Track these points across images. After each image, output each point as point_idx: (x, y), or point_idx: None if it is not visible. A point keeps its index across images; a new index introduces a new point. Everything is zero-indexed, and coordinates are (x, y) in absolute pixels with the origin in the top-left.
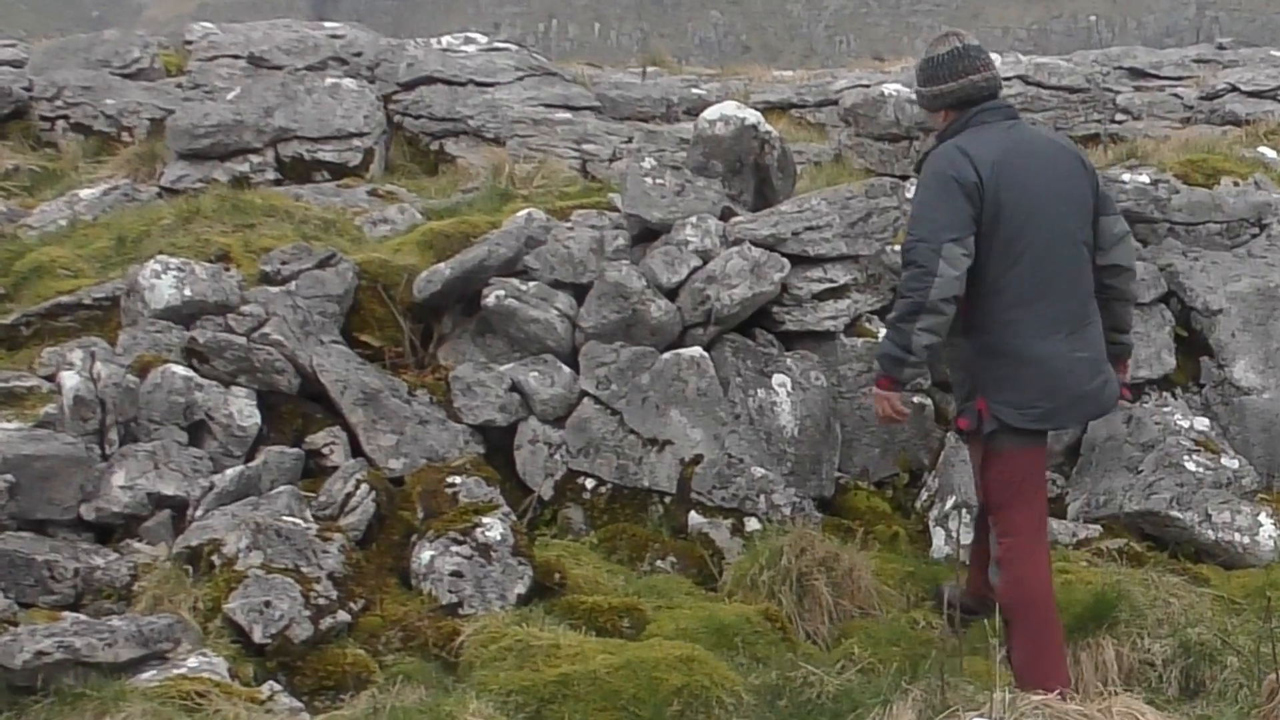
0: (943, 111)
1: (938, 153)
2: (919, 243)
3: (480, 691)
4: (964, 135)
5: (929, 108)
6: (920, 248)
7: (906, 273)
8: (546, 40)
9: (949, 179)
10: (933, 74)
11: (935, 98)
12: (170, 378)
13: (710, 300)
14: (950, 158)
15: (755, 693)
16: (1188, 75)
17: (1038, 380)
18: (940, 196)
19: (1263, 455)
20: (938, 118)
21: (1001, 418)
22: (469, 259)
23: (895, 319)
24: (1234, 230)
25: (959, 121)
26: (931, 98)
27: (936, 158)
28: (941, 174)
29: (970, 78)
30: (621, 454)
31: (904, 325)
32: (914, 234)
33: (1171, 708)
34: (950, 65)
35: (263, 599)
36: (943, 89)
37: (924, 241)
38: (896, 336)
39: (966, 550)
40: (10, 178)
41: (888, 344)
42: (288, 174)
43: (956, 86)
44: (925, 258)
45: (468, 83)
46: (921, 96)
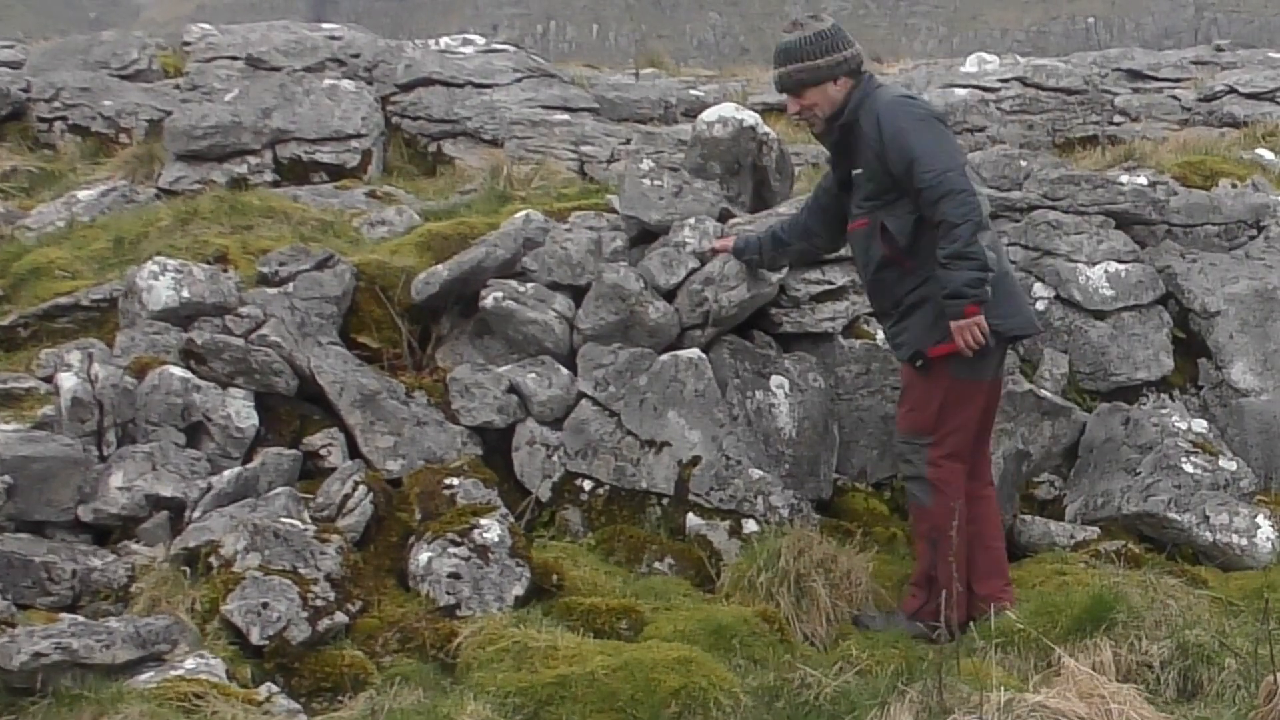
0: (841, 80)
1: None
2: (948, 172)
3: (478, 693)
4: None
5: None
6: (952, 175)
7: (951, 202)
8: (545, 41)
9: (927, 115)
10: (830, 45)
11: (843, 62)
12: (168, 379)
13: (708, 302)
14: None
15: (753, 694)
16: (1186, 77)
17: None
18: (934, 130)
19: (1260, 457)
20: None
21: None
22: (467, 260)
23: (963, 246)
24: (1232, 232)
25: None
26: (840, 63)
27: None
28: (917, 114)
29: (851, 49)
30: (619, 455)
31: (974, 247)
32: (936, 166)
33: (1169, 709)
34: (839, 35)
35: (260, 600)
36: (850, 53)
37: (951, 170)
38: (970, 263)
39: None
40: (8, 179)
41: (966, 272)
42: (285, 175)
43: (846, 56)
44: (962, 182)
45: (466, 84)
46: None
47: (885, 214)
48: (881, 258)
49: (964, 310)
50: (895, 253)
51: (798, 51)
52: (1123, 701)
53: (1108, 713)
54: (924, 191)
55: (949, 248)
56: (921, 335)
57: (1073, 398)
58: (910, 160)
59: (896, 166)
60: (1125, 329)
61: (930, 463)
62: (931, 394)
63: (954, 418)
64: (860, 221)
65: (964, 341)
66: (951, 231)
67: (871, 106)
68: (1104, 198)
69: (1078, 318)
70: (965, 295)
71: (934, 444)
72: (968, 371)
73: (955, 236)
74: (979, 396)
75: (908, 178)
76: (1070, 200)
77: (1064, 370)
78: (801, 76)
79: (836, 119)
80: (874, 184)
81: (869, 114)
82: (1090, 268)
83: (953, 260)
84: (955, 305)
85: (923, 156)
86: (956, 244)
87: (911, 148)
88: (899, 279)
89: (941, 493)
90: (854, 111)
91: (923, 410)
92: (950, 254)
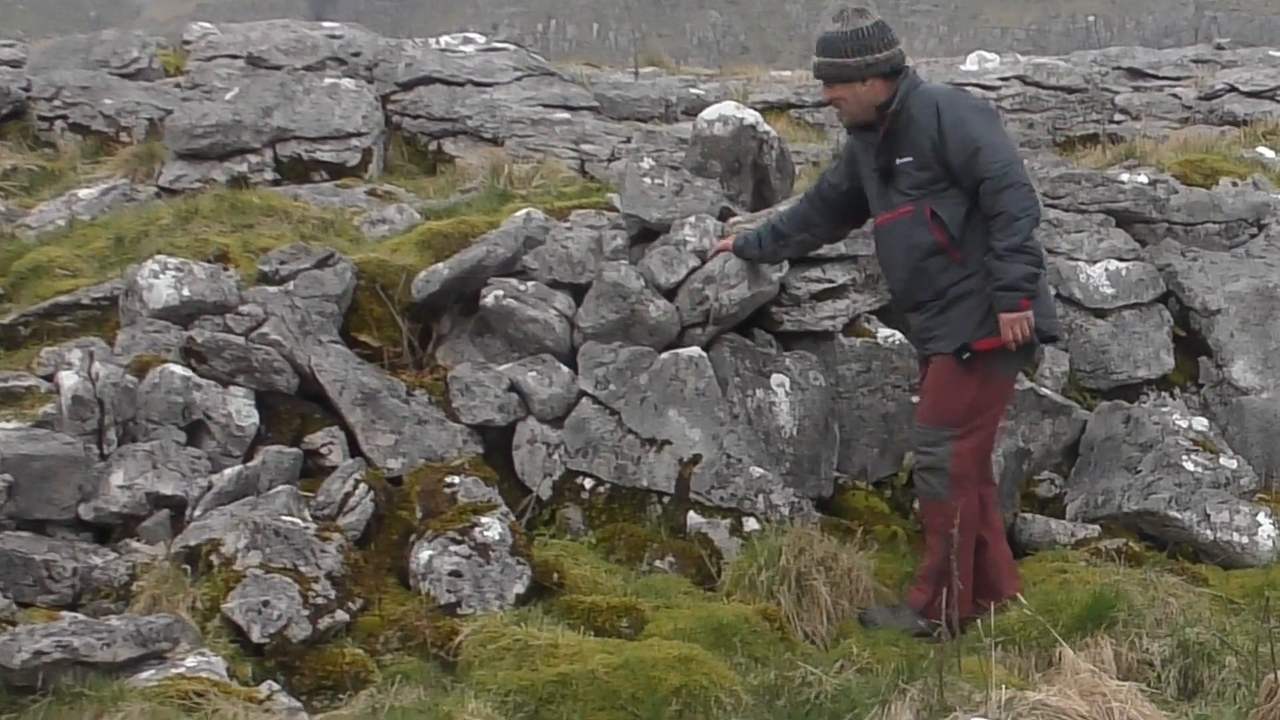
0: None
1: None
2: (1012, 164)
3: (478, 691)
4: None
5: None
6: (1015, 167)
7: (1014, 194)
8: (545, 40)
9: (984, 109)
10: (865, 45)
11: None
12: (168, 377)
13: (709, 300)
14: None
15: (754, 692)
16: (1186, 75)
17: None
18: (994, 123)
19: (1261, 455)
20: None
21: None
22: (467, 259)
23: (1023, 240)
24: (1232, 230)
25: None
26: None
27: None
28: (977, 106)
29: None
30: (620, 454)
31: (1032, 242)
32: (1001, 157)
33: (1170, 707)
34: (877, 35)
35: (261, 599)
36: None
37: (1014, 163)
38: (1027, 257)
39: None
40: (9, 177)
41: (1022, 266)
42: (286, 174)
43: (890, 54)
44: (1024, 175)
45: (466, 83)
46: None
47: (935, 202)
48: (930, 244)
49: (1018, 303)
50: (947, 240)
51: (832, 45)
52: (1124, 699)
53: (1109, 711)
54: (987, 181)
55: (1008, 240)
56: (968, 328)
57: (1073, 396)
58: (975, 149)
59: (957, 155)
60: (1126, 327)
61: (954, 454)
62: (964, 387)
63: (984, 412)
64: (904, 209)
65: (1013, 335)
66: (1013, 224)
67: (927, 95)
68: (1104, 196)
69: (1078, 316)
70: (1021, 289)
71: (960, 436)
72: (1004, 368)
73: (1016, 230)
74: (1008, 393)
75: (969, 166)
76: (1071, 198)
77: (1065, 368)
78: (831, 71)
79: (886, 108)
80: (926, 172)
81: (924, 103)
82: (1091, 266)
83: (1011, 253)
84: (1010, 298)
85: (988, 146)
86: (1017, 237)
87: (976, 137)
88: (944, 269)
89: (961, 486)
90: (903, 101)
91: (952, 402)
92: (1009, 246)
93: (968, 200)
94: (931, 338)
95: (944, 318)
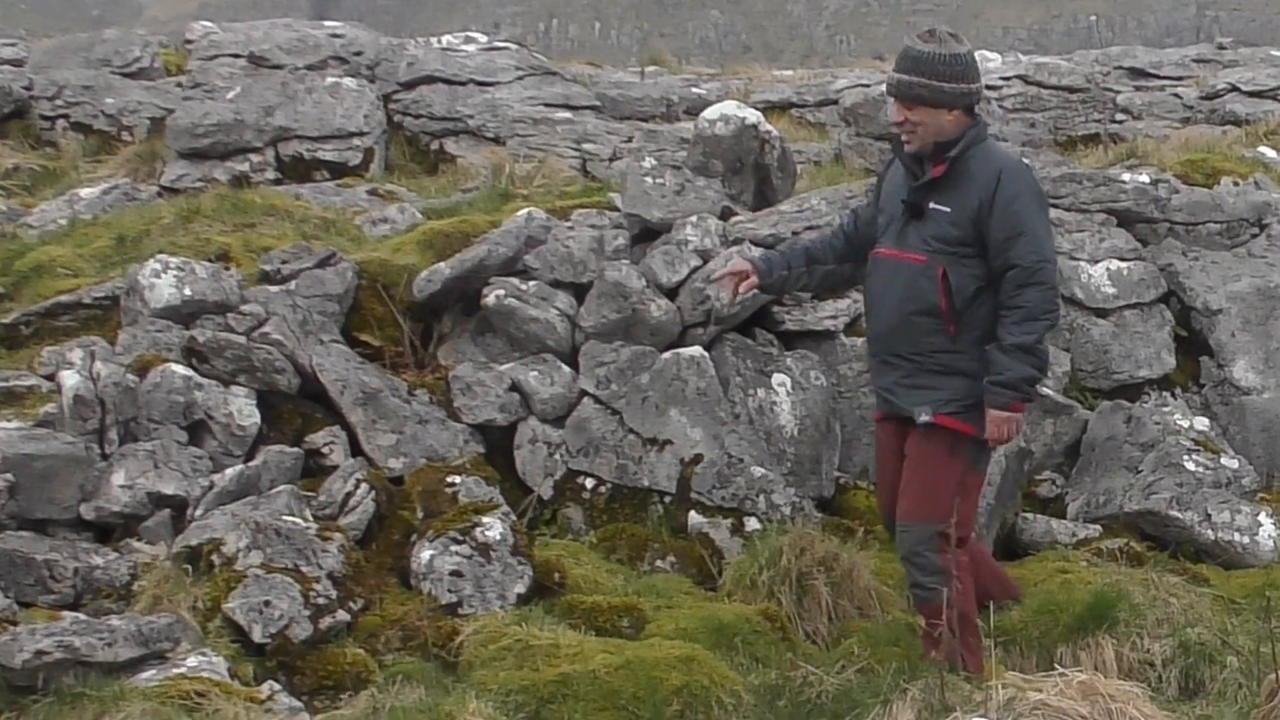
0: (956, 112)
1: (1019, 167)
2: (1046, 263)
3: (480, 691)
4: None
5: (954, 104)
6: (1048, 268)
7: (1038, 292)
8: (547, 40)
9: (1043, 200)
10: (962, 73)
11: (966, 95)
12: (170, 377)
13: (710, 300)
14: (1034, 177)
15: (755, 692)
16: (1188, 75)
17: None
18: (1044, 217)
19: (1262, 455)
20: (942, 116)
21: None
22: (469, 258)
23: (1035, 342)
24: (1234, 230)
25: (977, 129)
26: (963, 95)
27: (1022, 172)
28: (1037, 194)
29: (980, 83)
30: (621, 454)
31: (1042, 346)
32: (1040, 254)
33: (1171, 707)
34: (972, 66)
35: (262, 598)
36: (975, 88)
37: (1049, 262)
38: (1036, 359)
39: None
40: (10, 177)
41: (1027, 368)
42: (288, 173)
43: (975, 89)
44: (1053, 279)
45: (468, 82)
46: (951, 94)
47: (950, 264)
48: (930, 305)
49: (1011, 404)
50: (948, 308)
51: (929, 66)
52: (1124, 700)
53: (1109, 711)
54: (1018, 270)
55: (1020, 337)
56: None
57: (1075, 396)
58: (1018, 234)
59: (999, 231)
60: (1127, 327)
61: (943, 551)
62: (951, 473)
63: (967, 501)
64: (916, 256)
65: (998, 434)
66: (1028, 322)
67: (993, 156)
68: (1106, 196)
69: (1080, 316)
70: (1019, 390)
71: (945, 532)
72: (985, 459)
73: (1031, 330)
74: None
75: (1004, 247)
76: (1072, 198)
77: (1066, 368)
78: (922, 92)
79: (948, 149)
80: (955, 230)
81: (988, 162)
82: (1092, 266)
83: (1019, 351)
84: (1006, 396)
85: (1032, 236)
86: (1030, 337)
87: (1025, 222)
88: (932, 333)
89: (958, 578)
90: (966, 148)
91: (938, 491)
92: (1019, 344)
93: (983, 278)
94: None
95: (922, 380)
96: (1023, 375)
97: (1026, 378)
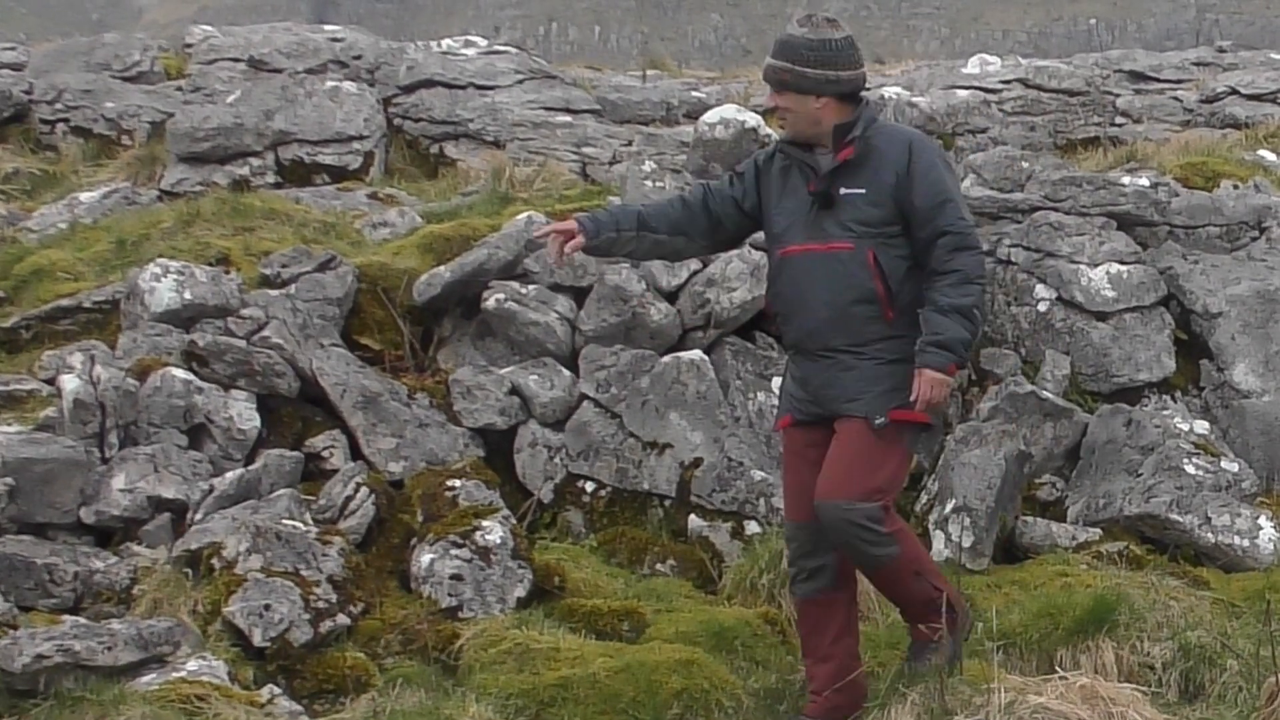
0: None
1: (922, 137)
2: (973, 227)
3: (480, 695)
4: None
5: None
6: (975, 232)
7: (972, 256)
8: (547, 43)
9: (951, 163)
10: (829, 59)
11: (833, 83)
12: (170, 381)
13: (710, 303)
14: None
15: (755, 696)
16: (1187, 78)
17: None
18: (957, 180)
19: (1262, 458)
20: (809, 102)
21: None
22: (469, 262)
23: (972, 304)
24: (1234, 233)
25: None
26: (830, 82)
27: (927, 141)
28: (947, 159)
29: (861, 69)
30: (621, 457)
31: (978, 309)
32: (966, 216)
33: (1171, 711)
34: (844, 54)
35: (262, 602)
36: (846, 76)
37: (975, 227)
38: (970, 324)
39: (969, 553)
40: (10, 181)
41: (964, 331)
42: (288, 177)
43: (853, 75)
44: (978, 240)
45: (468, 86)
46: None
47: (879, 247)
48: (867, 291)
49: (947, 365)
50: (885, 293)
51: (793, 51)
52: (1125, 703)
53: (1110, 715)
54: (950, 235)
55: (958, 299)
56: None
57: (1074, 399)
58: (943, 200)
59: (923, 199)
60: (1127, 330)
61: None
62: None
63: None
64: (841, 244)
65: (930, 395)
66: (966, 285)
67: (896, 132)
68: (1106, 199)
69: (1079, 319)
70: (955, 351)
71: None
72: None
73: (968, 292)
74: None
75: (931, 214)
76: (1072, 201)
77: (1066, 371)
78: (785, 77)
79: (848, 131)
80: (876, 210)
81: (893, 140)
82: (1092, 269)
83: (955, 312)
84: (942, 357)
85: (956, 201)
86: (967, 299)
87: (947, 188)
88: (871, 319)
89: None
90: (866, 127)
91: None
92: (957, 306)
93: (909, 257)
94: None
95: (857, 375)
96: (959, 337)
97: (963, 340)
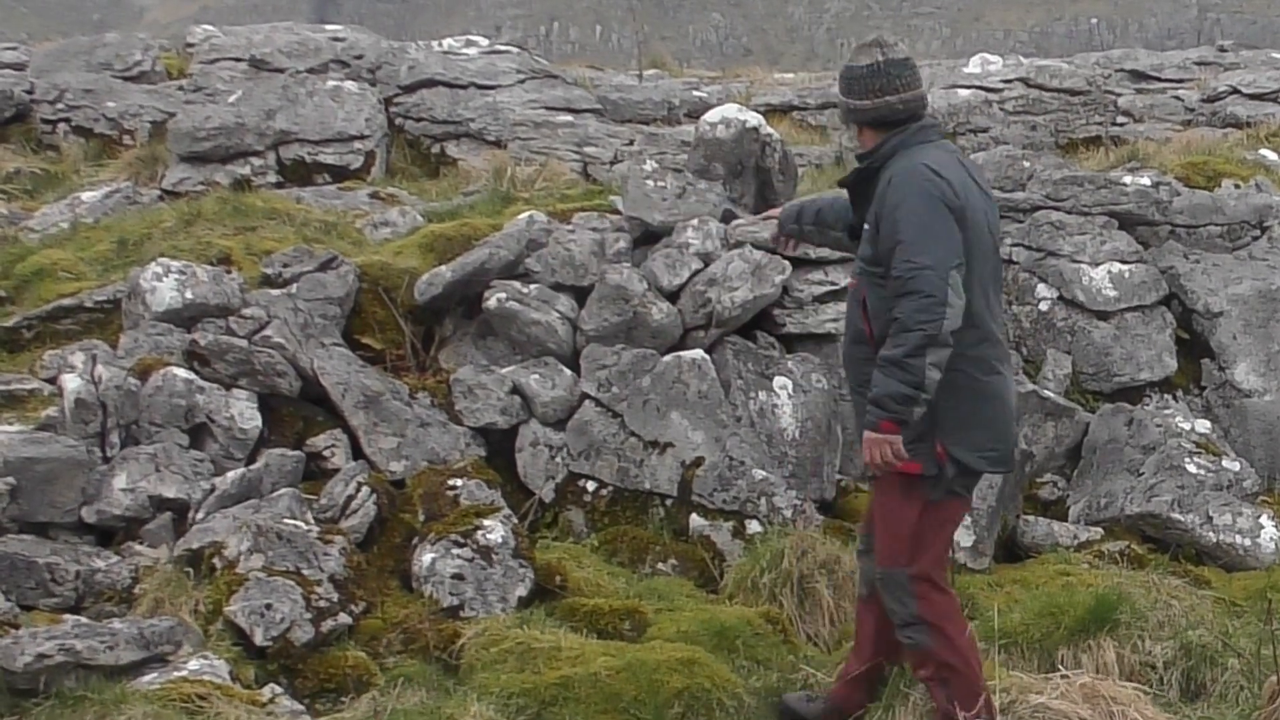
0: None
1: (912, 171)
2: (925, 269)
3: (481, 694)
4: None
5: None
6: (928, 274)
7: (912, 302)
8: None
9: (938, 201)
10: (862, 88)
11: (862, 111)
12: (171, 380)
13: (711, 303)
14: (929, 178)
15: (756, 695)
16: (1189, 78)
17: (999, 419)
18: (937, 220)
19: (1264, 457)
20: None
21: (966, 462)
22: (470, 261)
23: (904, 355)
24: (1235, 232)
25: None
26: (859, 111)
27: (913, 176)
28: (929, 195)
29: (886, 99)
30: (623, 456)
31: (915, 360)
32: (917, 260)
33: (1173, 710)
34: (866, 82)
35: (264, 601)
36: (873, 104)
37: (931, 269)
38: (906, 374)
39: (970, 552)
40: (12, 181)
41: (895, 383)
42: (289, 177)
43: (870, 106)
44: (934, 286)
45: (469, 85)
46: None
47: (869, 286)
48: (857, 331)
49: (878, 424)
50: (870, 334)
51: (841, 80)
52: (1126, 702)
53: (1111, 713)
54: (895, 280)
55: (890, 349)
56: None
57: (1076, 398)
58: (897, 242)
59: (885, 241)
60: (1128, 330)
61: (919, 597)
62: (905, 514)
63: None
64: (853, 280)
65: (868, 457)
66: (900, 334)
67: (897, 166)
68: (1107, 198)
69: (1081, 318)
70: (886, 409)
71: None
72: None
73: (901, 341)
74: (958, 509)
75: (888, 258)
76: (1074, 201)
77: (1067, 371)
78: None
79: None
80: (870, 247)
81: (888, 171)
82: (1093, 268)
83: (888, 365)
84: (872, 414)
85: (910, 242)
86: (898, 350)
87: (904, 229)
88: (865, 362)
89: (940, 630)
90: (879, 161)
91: (897, 534)
92: (888, 357)
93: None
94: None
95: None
96: (889, 391)
97: (894, 394)
